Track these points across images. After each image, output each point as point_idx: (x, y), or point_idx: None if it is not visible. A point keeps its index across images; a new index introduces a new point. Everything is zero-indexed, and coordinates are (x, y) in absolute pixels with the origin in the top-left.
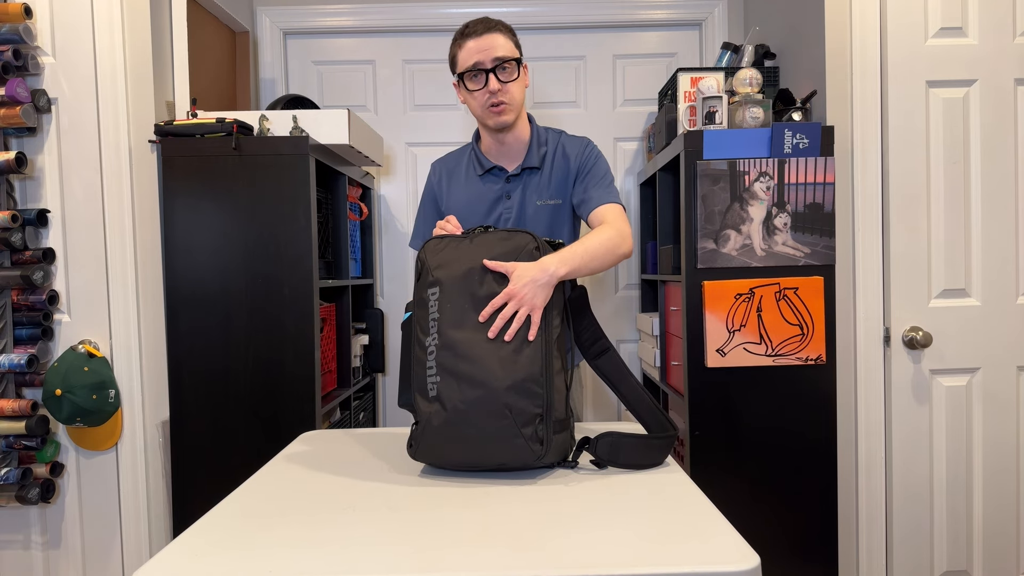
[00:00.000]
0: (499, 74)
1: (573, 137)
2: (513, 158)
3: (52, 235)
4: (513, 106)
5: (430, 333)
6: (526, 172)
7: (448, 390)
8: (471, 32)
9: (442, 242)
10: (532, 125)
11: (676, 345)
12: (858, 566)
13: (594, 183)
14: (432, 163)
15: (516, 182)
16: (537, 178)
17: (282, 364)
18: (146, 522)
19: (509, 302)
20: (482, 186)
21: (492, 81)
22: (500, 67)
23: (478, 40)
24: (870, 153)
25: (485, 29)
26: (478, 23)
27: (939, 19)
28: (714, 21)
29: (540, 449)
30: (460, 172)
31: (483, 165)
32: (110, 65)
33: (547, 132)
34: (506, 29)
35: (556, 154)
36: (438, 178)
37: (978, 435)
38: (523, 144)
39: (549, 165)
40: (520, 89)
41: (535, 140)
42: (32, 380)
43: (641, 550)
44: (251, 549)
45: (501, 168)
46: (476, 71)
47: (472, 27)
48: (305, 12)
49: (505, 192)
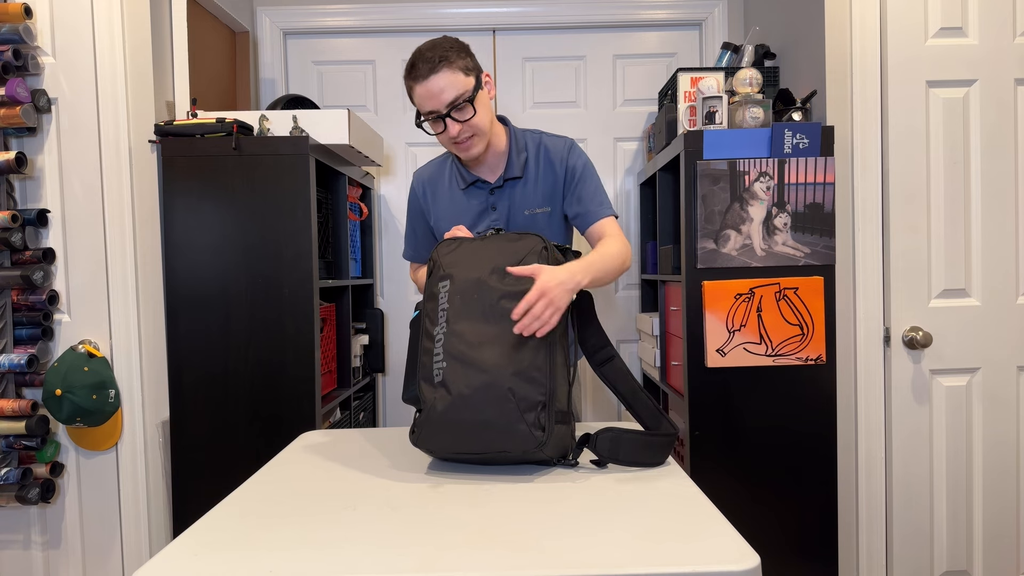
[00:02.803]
0: (455, 115)
1: (553, 137)
2: (493, 169)
3: (52, 235)
4: (480, 135)
5: (439, 323)
6: (508, 183)
7: (454, 375)
8: (417, 75)
9: (454, 243)
10: (509, 131)
11: (676, 345)
12: (858, 566)
13: (588, 195)
14: (414, 173)
15: (500, 193)
16: (521, 187)
17: (282, 364)
18: (146, 522)
19: (541, 299)
20: (466, 200)
21: (451, 126)
22: (456, 108)
23: (425, 85)
24: (870, 153)
25: (429, 71)
26: (422, 63)
27: (939, 19)
28: (714, 21)
29: (541, 435)
30: (443, 184)
31: (465, 179)
32: (110, 65)
33: (524, 136)
34: (454, 58)
35: (539, 160)
36: (422, 191)
37: (978, 435)
38: (501, 154)
39: (533, 172)
40: (483, 115)
41: (514, 148)
42: (32, 380)
43: (641, 550)
44: (251, 549)
45: (483, 180)
46: (432, 118)
47: (417, 69)
48: (305, 12)
49: (490, 204)
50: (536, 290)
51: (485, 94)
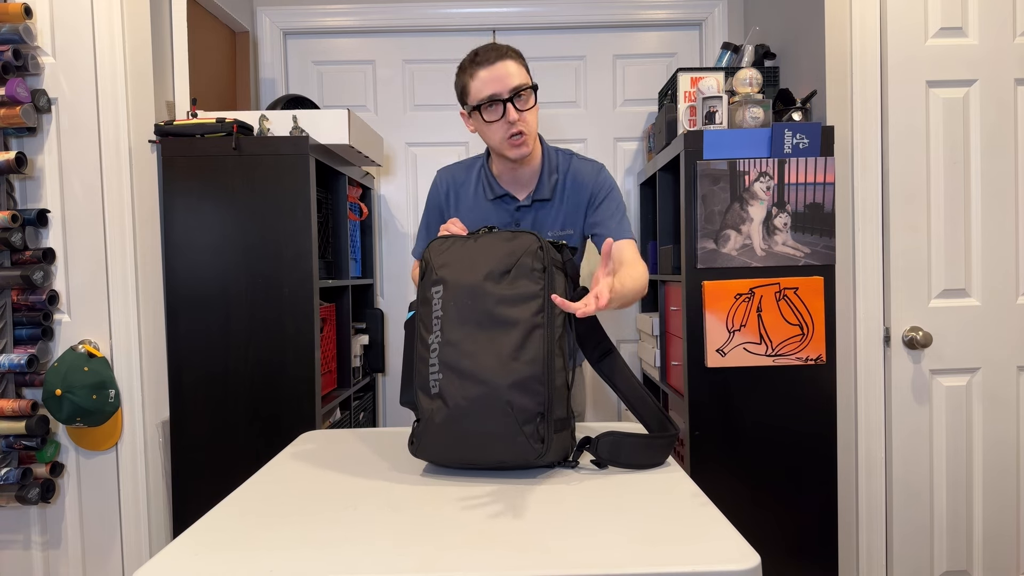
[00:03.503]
0: (516, 103)
1: (585, 161)
2: (524, 185)
3: (52, 235)
4: (531, 135)
5: (433, 331)
6: (536, 203)
7: (450, 387)
8: (483, 60)
9: (447, 242)
10: (544, 148)
11: (676, 345)
12: (858, 566)
13: (608, 215)
14: (439, 171)
15: (526, 212)
16: (547, 209)
17: (282, 364)
18: (146, 522)
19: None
20: (492, 210)
21: (511, 111)
22: (517, 96)
23: (491, 69)
24: (870, 153)
25: (498, 57)
26: (489, 50)
27: (939, 19)
28: (714, 21)
29: (541, 447)
30: (468, 190)
31: (494, 191)
32: (110, 65)
33: (558, 156)
34: (517, 55)
35: (567, 183)
36: (446, 190)
37: (978, 435)
38: (535, 171)
39: (560, 195)
40: (536, 117)
41: (546, 167)
42: (32, 380)
43: (641, 550)
44: (251, 549)
45: (512, 196)
46: (493, 102)
47: (483, 55)
48: (305, 12)
49: (514, 220)
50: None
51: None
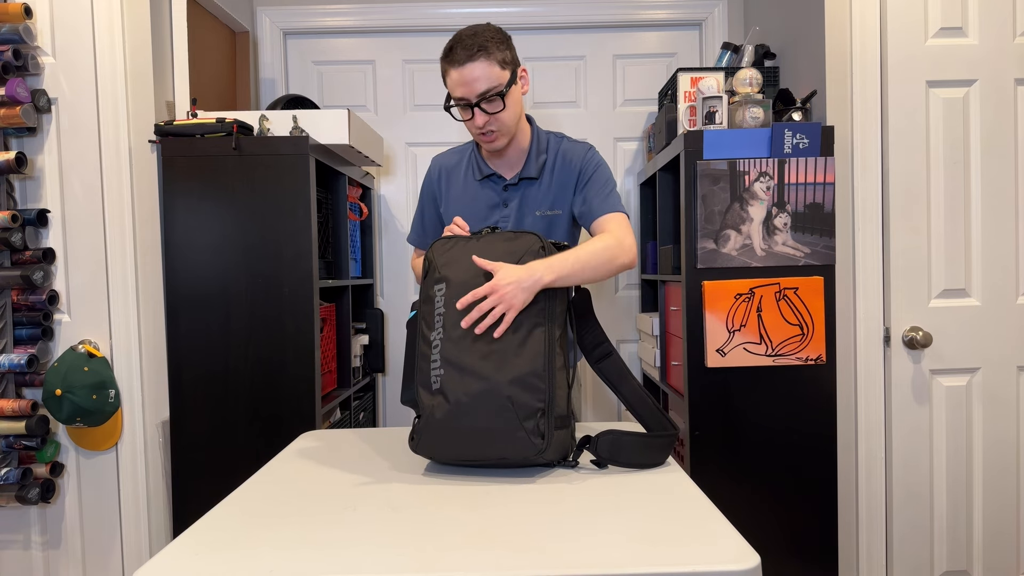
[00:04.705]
0: (484, 106)
1: (574, 143)
2: (512, 166)
3: (52, 235)
4: (504, 131)
5: (435, 328)
6: (524, 182)
7: (451, 383)
8: (454, 60)
9: (450, 241)
10: (533, 129)
11: (676, 345)
12: (858, 566)
13: (594, 192)
14: (433, 158)
15: (514, 191)
16: (535, 188)
17: (282, 364)
18: (146, 522)
19: (489, 296)
20: (480, 191)
21: (478, 116)
22: (485, 99)
23: (460, 71)
24: (870, 153)
25: (467, 58)
26: (460, 49)
27: (939, 19)
28: (714, 21)
29: (541, 443)
30: (459, 173)
31: (481, 171)
32: (110, 65)
33: (548, 137)
34: (493, 49)
35: (556, 163)
36: (437, 175)
37: (978, 435)
38: (522, 152)
39: (548, 175)
40: (511, 111)
41: (535, 147)
42: (32, 380)
43: (641, 550)
44: (251, 549)
45: (499, 176)
46: (461, 103)
47: (455, 53)
48: (305, 12)
49: (502, 200)
50: (486, 287)
51: (518, 89)
